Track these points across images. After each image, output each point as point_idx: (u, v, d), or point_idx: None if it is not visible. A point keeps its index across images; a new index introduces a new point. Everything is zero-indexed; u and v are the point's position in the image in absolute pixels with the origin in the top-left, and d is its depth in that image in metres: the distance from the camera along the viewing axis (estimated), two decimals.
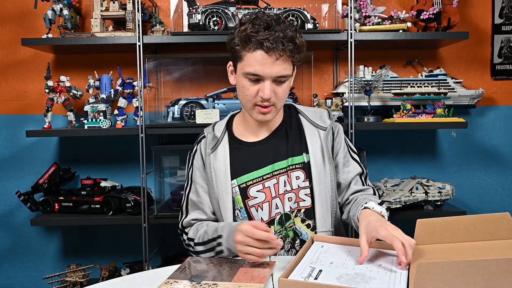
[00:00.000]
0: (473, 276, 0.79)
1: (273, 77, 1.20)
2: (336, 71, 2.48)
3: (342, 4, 2.24)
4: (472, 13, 2.48)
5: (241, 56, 1.22)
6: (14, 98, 2.49)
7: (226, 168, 1.32)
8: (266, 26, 1.18)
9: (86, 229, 2.53)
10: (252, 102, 1.25)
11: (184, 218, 1.36)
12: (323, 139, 1.34)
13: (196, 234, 1.29)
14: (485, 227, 1.06)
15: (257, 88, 1.22)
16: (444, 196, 2.20)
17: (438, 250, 1.05)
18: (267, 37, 1.16)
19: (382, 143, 2.51)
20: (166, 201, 2.35)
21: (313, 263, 1.01)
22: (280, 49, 1.17)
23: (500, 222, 1.06)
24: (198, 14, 2.08)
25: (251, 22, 1.20)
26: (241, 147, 1.35)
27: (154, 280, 1.02)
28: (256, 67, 1.19)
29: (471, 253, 1.01)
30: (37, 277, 2.51)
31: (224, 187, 1.31)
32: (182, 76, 2.43)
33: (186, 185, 1.39)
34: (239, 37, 1.20)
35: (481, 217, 1.07)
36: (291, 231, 1.31)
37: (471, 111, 2.49)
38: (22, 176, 2.51)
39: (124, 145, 2.47)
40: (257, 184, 1.31)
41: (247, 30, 1.18)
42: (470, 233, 1.07)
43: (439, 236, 1.08)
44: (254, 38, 1.17)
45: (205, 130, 1.41)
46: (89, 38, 2.15)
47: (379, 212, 1.12)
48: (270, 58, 1.18)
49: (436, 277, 0.80)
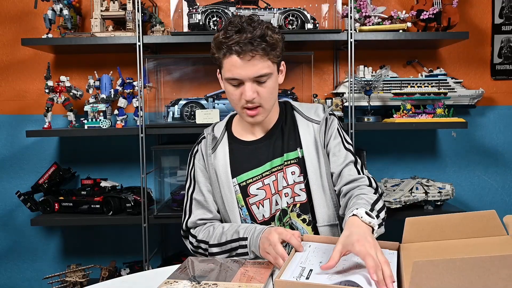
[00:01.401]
0: (468, 273, 0.80)
1: (251, 78, 1.21)
2: (336, 71, 2.48)
3: (342, 4, 2.24)
4: (472, 13, 2.48)
5: (220, 63, 1.24)
6: (14, 98, 2.49)
7: (226, 168, 1.33)
8: (238, 30, 1.19)
9: (86, 229, 2.53)
10: (239, 106, 1.26)
11: (188, 218, 1.35)
12: (317, 132, 1.34)
13: (210, 235, 1.28)
14: (473, 225, 1.08)
15: (240, 92, 1.23)
16: (444, 196, 2.20)
17: (427, 247, 1.06)
18: (237, 41, 1.17)
19: (382, 143, 2.51)
20: (166, 201, 2.35)
21: (303, 262, 1.02)
22: (249, 49, 1.17)
23: (487, 220, 1.07)
24: (198, 14, 2.08)
25: (224, 28, 1.21)
26: (240, 146, 1.36)
27: (154, 280, 1.02)
28: (233, 71, 1.20)
29: (460, 250, 1.02)
30: (37, 277, 2.52)
31: (227, 186, 1.32)
32: (182, 76, 2.43)
33: (189, 186, 1.39)
34: (214, 44, 1.23)
35: (468, 215, 1.09)
36: (288, 226, 1.32)
37: (471, 111, 2.49)
38: (22, 176, 2.51)
39: (124, 145, 2.47)
40: (257, 182, 1.32)
41: (219, 37, 1.20)
42: (458, 231, 1.08)
43: (428, 234, 1.09)
44: (225, 44, 1.18)
45: (205, 131, 1.42)
46: (89, 38, 2.15)
47: (367, 223, 1.07)
48: (243, 61, 1.19)
49: (432, 275, 0.80)
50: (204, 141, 1.39)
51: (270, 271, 1.04)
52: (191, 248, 1.33)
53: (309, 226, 1.31)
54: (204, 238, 1.29)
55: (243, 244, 1.20)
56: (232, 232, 1.24)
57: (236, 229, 1.24)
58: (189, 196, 1.37)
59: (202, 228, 1.32)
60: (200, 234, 1.31)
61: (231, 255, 1.24)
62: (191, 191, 1.37)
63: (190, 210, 1.36)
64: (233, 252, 1.23)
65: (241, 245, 1.21)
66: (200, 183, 1.36)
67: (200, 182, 1.36)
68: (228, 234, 1.25)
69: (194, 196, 1.36)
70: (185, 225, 1.35)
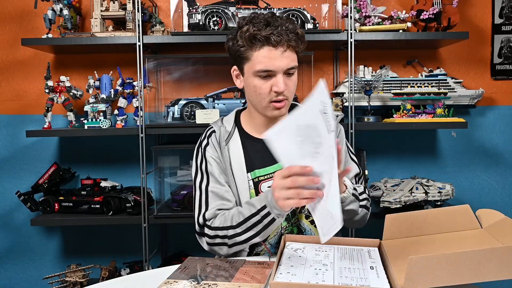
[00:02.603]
0: (460, 267, 0.84)
1: (284, 69, 1.22)
2: (336, 71, 2.48)
3: (342, 4, 2.24)
4: (472, 13, 2.48)
5: (247, 57, 1.23)
6: (14, 98, 2.49)
7: (241, 161, 1.32)
8: (266, 23, 1.20)
9: (86, 229, 2.53)
10: (267, 100, 1.26)
11: (206, 211, 1.28)
12: None
13: (227, 219, 1.23)
14: (448, 220, 1.14)
15: (270, 84, 1.24)
16: (444, 196, 2.20)
17: (408, 243, 1.11)
18: (272, 32, 1.19)
19: (382, 143, 2.51)
20: (166, 201, 2.35)
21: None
22: (286, 40, 1.20)
23: (461, 215, 1.14)
24: (198, 14, 2.08)
25: (250, 22, 1.22)
26: (252, 142, 1.35)
27: (154, 280, 1.02)
28: (266, 63, 1.21)
29: (440, 244, 1.08)
30: (37, 277, 2.52)
31: (242, 180, 1.31)
32: (182, 76, 2.43)
33: (201, 180, 1.33)
34: (242, 38, 1.21)
35: (443, 210, 1.16)
36: (296, 227, 1.32)
37: (471, 111, 2.49)
38: (22, 176, 2.51)
39: (124, 145, 2.47)
40: (269, 180, 1.31)
41: (250, 30, 1.20)
42: (435, 226, 1.15)
43: (408, 230, 1.15)
44: (259, 35, 1.19)
45: (214, 125, 1.40)
46: (89, 38, 2.15)
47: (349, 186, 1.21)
48: (278, 51, 1.20)
49: (426, 270, 0.84)
50: (214, 134, 1.36)
51: (270, 271, 1.04)
52: (207, 242, 1.26)
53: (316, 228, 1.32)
54: (221, 225, 1.23)
55: (265, 213, 1.15)
56: (248, 208, 1.20)
57: (250, 203, 1.20)
58: (204, 190, 1.31)
59: (217, 218, 1.27)
60: (215, 222, 1.25)
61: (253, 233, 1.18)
62: (206, 184, 1.32)
63: (206, 203, 1.29)
64: (256, 228, 1.18)
65: (264, 214, 1.15)
66: (215, 174, 1.31)
67: (215, 174, 1.31)
68: (245, 211, 1.20)
69: (210, 188, 1.30)
70: (202, 218, 1.28)
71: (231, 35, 1.27)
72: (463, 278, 0.84)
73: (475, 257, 0.84)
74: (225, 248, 1.23)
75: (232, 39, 1.25)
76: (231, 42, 1.26)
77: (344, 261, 1.02)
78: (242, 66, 1.26)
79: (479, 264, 0.83)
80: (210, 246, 1.26)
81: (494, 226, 1.08)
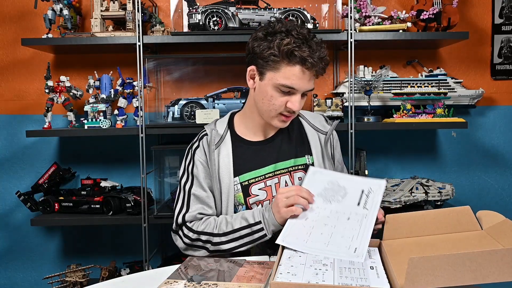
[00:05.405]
0: (460, 268, 0.83)
1: (305, 91, 1.27)
2: (336, 71, 2.48)
3: (342, 4, 2.24)
4: (472, 13, 2.48)
5: (276, 67, 1.24)
6: (14, 98, 2.49)
7: (229, 166, 1.33)
8: (304, 40, 1.22)
9: (86, 229, 2.53)
10: (277, 111, 1.29)
11: (186, 212, 1.33)
12: (323, 143, 1.40)
13: (213, 226, 1.27)
14: (448, 221, 1.15)
15: (286, 99, 1.27)
16: (444, 196, 2.20)
17: (408, 243, 1.11)
18: (310, 55, 1.21)
19: (382, 143, 2.51)
20: (166, 201, 2.35)
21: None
22: (318, 67, 1.24)
23: (462, 216, 1.15)
24: (198, 14, 2.08)
25: (290, 35, 1.22)
26: (244, 146, 1.37)
27: (154, 280, 1.02)
28: (293, 81, 1.23)
29: (440, 246, 1.08)
30: (37, 277, 2.52)
31: (228, 184, 1.33)
32: (182, 76, 2.43)
33: (186, 180, 1.37)
34: (279, 49, 1.22)
35: (444, 210, 1.16)
36: None
37: (471, 111, 2.49)
38: (22, 176, 2.51)
39: (124, 145, 2.47)
40: (259, 183, 1.33)
41: (291, 44, 1.21)
42: (435, 227, 1.15)
43: (408, 230, 1.16)
44: (298, 53, 1.20)
45: (207, 128, 1.42)
46: (89, 38, 2.15)
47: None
48: (307, 75, 1.24)
49: (426, 271, 0.83)
50: (206, 137, 1.38)
51: (270, 271, 1.04)
52: (185, 242, 1.30)
53: None
54: (206, 230, 1.27)
55: (258, 228, 1.22)
56: (239, 220, 1.24)
57: (242, 216, 1.25)
58: (187, 191, 1.36)
59: (200, 222, 1.31)
60: (200, 227, 1.29)
61: (239, 244, 1.23)
62: (189, 186, 1.36)
63: (188, 205, 1.34)
64: (243, 240, 1.23)
65: (257, 229, 1.22)
66: (200, 178, 1.35)
67: (200, 178, 1.35)
68: (235, 222, 1.24)
69: (193, 191, 1.35)
70: (181, 219, 1.32)
71: (262, 36, 1.26)
72: (463, 279, 0.84)
73: (476, 259, 0.83)
74: (203, 251, 1.27)
75: (263, 42, 1.25)
76: (261, 45, 1.25)
77: (344, 261, 1.02)
78: (265, 71, 1.26)
79: (480, 265, 0.83)
80: (188, 246, 1.30)
81: (494, 228, 1.08)
